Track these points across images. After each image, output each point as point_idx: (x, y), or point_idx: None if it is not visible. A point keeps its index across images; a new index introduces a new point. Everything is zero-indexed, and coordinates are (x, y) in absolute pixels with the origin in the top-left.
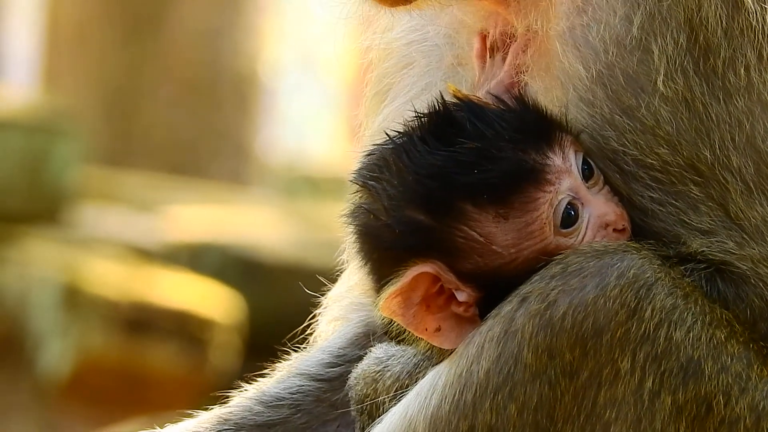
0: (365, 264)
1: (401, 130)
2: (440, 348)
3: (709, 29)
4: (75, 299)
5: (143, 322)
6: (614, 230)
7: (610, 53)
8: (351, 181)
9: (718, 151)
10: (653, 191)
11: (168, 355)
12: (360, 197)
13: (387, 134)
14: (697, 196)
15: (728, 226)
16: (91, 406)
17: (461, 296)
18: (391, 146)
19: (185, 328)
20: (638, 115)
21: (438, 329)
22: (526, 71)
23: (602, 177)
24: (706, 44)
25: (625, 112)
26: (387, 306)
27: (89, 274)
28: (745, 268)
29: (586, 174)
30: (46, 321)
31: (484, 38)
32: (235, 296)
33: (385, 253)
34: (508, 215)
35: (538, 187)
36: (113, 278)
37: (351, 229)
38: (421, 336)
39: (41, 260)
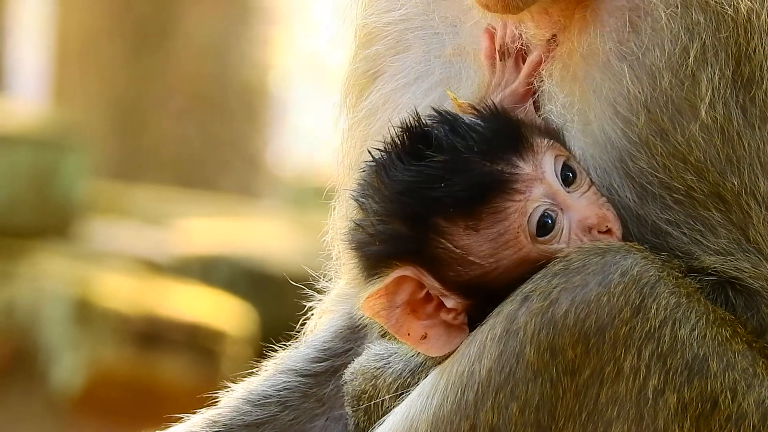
0: (358, 277)
1: (382, 148)
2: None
3: (755, 61)
4: (86, 313)
5: (154, 334)
6: (599, 232)
7: (665, 80)
8: (350, 198)
9: (746, 178)
10: (670, 213)
11: (179, 367)
12: (355, 213)
13: (370, 153)
14: (718, 220)
15: (746, 249)
16: (103, 419)
17: (449, 303)
18: (373, 164)
19: (196, 341)
20: (673, 140)
21: (424, 336)
22: (545, 81)
23: (588, 179)
24: (750, 75)
25: (661, 135)
26: (369, 306)
27: (100, 288)
28: (758, 285)
29: (568, 179)
30: (58, 335)
31: (492, 37)
32: (246, 308)
33: (371, 262)
34: (478, 227)
35: (505, 197)
36: (124, 291)
37: (346, 245)
38: (403, 340)
39: (52, 275)
